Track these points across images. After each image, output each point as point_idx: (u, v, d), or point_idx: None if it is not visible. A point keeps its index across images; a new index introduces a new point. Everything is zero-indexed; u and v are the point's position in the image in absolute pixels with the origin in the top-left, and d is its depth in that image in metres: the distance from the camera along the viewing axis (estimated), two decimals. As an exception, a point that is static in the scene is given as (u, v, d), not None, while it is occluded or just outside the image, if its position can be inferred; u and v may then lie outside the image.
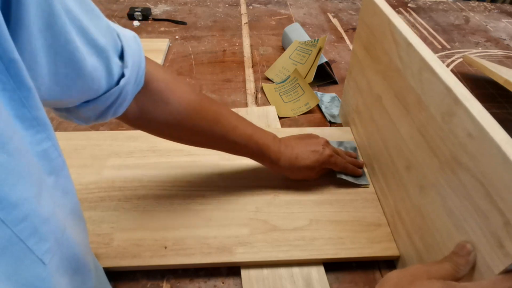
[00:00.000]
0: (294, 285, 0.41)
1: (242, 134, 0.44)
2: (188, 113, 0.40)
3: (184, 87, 0.41)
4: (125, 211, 0.46)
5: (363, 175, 0.52)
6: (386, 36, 0.43)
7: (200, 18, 1.03)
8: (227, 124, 0.43)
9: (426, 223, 0.37)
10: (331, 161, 0.48)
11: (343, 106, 0.64)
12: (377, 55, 0.46)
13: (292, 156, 0.47)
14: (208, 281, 0.42)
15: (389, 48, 0.43)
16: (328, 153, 0.48)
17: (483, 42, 0.98)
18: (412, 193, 0.40)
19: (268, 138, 0.46)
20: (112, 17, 1.00)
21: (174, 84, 0.40)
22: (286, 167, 0.47)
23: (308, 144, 0.49)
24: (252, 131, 0.45)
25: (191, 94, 0.41)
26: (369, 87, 0.50)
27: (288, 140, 0.49)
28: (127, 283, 0.42)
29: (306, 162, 0.47)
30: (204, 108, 0.41)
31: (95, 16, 0.29)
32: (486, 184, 0.27)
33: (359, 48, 0.53)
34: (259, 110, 0.66)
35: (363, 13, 0.50)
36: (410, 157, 0.40)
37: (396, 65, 0.41)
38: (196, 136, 0.43)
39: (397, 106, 0.42)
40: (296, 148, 0.48)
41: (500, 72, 0.68)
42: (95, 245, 0.42)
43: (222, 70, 0.81)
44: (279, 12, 1.10)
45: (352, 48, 0.56)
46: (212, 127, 0.42)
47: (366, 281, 0.43)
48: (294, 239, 0.44)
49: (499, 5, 1.23)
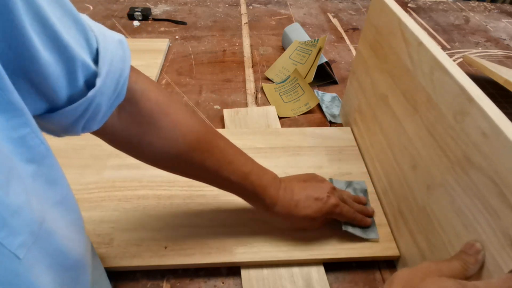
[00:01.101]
0: (294, 285, 0.41)
1: (237, 171, 0.39)
2: (182, 143, 0.35)
3: (180, 112, 0.36)
4: (125, 211, 0.46)
5: (373, 226, 0.46)
6: (396, 35, 0.43)
7: (200, 18, 1.03)
8: (221, 158, 0.38)
9: (432, 222, 0.37)
10: (336, 212, 0.42)
11: (344, 106, 0.64)
12: (384, 54, 0.46)
13: (291, 203, 0.41)
14: (208, 281, 0.42)
15: (398, 47, 0.43)
16: (334, 202, 0.42)
17: (483, 42, 0.98)
18: (417, 193, 0.40)
19: (267, 179, 0.41)
20: (112, 17, 1.00)
21: (169, 107, 0.35)
22: (283, 215, 0.42)
23: (312, 189, 0.42)
24: (249, 169, 0.40)
25: (188, 121, 0.36)
26: (373, 86, 0.50)
27: (289, 182, 0.43)
28: (127, 283, 0.42)
29: (307, 212, 0.41)
30: (200, 139, 0.37)
31: (61, 8, 0.24)
32: (499, 183, 0.27)
33: (364, 48, 0.53)
34: (259, 110, 0.66)
35: (371, 12, 0.50)
36: (416, 157, 0.40)
37: (405, 64, 0.41)
38: (186, 168, 0.38)
39: (404, 105, 0.42)
40: (297, 193, 0.42)
41: (500, 72, 0.68)
42: (95, 245, 0.42)
43: (222, 70, 0.81)
44: (279, 12, 1.10)
45: (357, 47, 0.56)
46: (204, 160, 0.37)
47: (366, 281, 0.43)
48: (294, 239, 0.44)
49: (499, 5, 1.23)
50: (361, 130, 0.57)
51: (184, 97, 0.71)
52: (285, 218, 0.42)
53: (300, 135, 0.59)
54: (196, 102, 0.70)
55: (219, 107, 0.69)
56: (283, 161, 0.55)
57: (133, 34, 0.93)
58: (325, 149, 0.57)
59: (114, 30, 0.32)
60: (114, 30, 0.31)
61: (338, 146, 0.58)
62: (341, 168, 0.54)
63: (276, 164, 0.54)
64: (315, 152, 0.57)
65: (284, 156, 0.56)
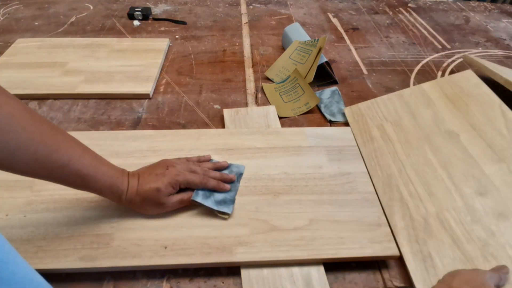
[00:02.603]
0: (294, 285, 0.41)
1: (88, 163, 0.39)
2: (23, 136, 0.34)
3: (13, 103, 0.34)
4: (125, 211, 0.46)
5: (229, 201, 0.47)
6: (493, 110, 0.55)
7: (200, 18, 1.03)
8: (71, 152, 0.37)
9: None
10: (180, 180, 0.44)
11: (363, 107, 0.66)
12: (468, 110, 0.57)
13: (137, 184, 0.43)
14: (208, 281, 0.42)
15: (494, 117, 0.54)
16: (174, 172, 0.44)
17: (483, 42, 0.98)
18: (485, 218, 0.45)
19: (117, 169, 0.43)
20: (112, 17, 1.00)
21: (1, 99, 0.33)
22: (133, 197, 0.42)
23: (154, 168, 0.45)
24: (100, 161, 0.41)
25: (25, 114, 0.35)
26: (436, 118, 0.58)
27: (136, 170, 0.46)
28: (127, 283, 0.42)
29: (151, 185, 0.43)
30: (44, 132, 0.36)
31: None
32: None
33: (433, 91, 0.62)
34: (259, 110, 0.66)
35: (458, 78, 0.62)
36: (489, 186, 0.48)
37: (499, 130, 0.53)
38: (30, 163, 0.35)
39: (486, 152, 0.51)
40: (142, 175, 0.44)
41: (500, 72, 0.68)
42: (95, 245, 0.42)
43: (222, 70, 0.81)
44: (279, 12, 1.10)
45: (420, 85, 0.65)
46: (51, 154, 0.36)
47: (366, 281, 0.43)
48: (294, 239, 0.44)
49: (499, 5, 1.23)
50: (387, 133, 0.59)
51: (184, 97, 0.71)
52: (135, 203, 0.43)
53: (300, 135, 0.60)
54: (196, 102, 0.70)
55: (219, 107, 0.69)
56: (283, 161, 0.55)
57: (133, 33, 0.93)
58: (325, 149, 0.57)
59: (114, 30, 0.31)
60: (114, 30, 0.31)
61: (338, 146, 0.58)
62: (341, 168, 0.54)
63: (276, 164, 0.54)
64: (315, 152, 0.57)
65: (284, 156, 0.56)
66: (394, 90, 0.76)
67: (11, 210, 0.46)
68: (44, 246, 0.42)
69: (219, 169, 0.51)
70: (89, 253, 0.42)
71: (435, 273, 0.41)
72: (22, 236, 0.43)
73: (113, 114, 0.66)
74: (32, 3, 1.08)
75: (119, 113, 0.67)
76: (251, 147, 0.57)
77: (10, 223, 0.44)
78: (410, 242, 0.44)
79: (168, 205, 0.44)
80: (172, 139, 0.58)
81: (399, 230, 0.46)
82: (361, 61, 0.86)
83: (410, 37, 0.98)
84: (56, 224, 0.44)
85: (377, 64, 0.85)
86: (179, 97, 0.71)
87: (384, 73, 0.82)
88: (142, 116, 0.66)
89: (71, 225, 0.44)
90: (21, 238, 0.43)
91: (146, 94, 0.70)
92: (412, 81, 0.79)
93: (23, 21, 0.98)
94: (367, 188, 0.51)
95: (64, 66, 0.76)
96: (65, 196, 0.48)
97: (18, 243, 0.42)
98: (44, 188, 0.49)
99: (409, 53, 0.90)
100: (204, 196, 0.46)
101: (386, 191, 0.50)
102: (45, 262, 0.41)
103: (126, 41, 0.86)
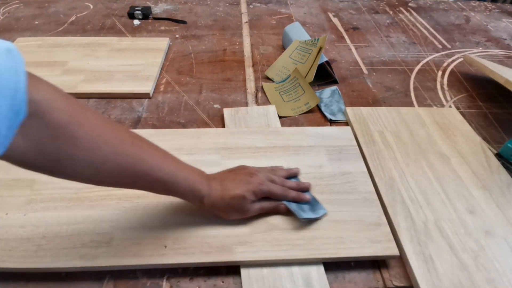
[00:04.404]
0: (293, 284, 0.41)
1: (168, 169, 0.39)
2: (106, 150, 0.34)
3: (95, 117, 0.34)
4: (125, 210, 0.46)
5: (316, 203, 0.47)
6: (476, 145, 0.60)
7: (201, 17, 1.03)
8: (152, 160, 0.37)
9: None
10: (264, 189, 0.44)
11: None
12: (456, 139, 0.61)
13: (221, 188, 0.43)
14: (208, 280, 0.42)
15: (476, 151, 0.59)
16: (259, 180, 0.45)
17: (484, 42, 0.98)
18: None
19: (197, 173, 0.43)
20: (112, 16, 1.00)
21: (81, 114, 0.32)
22: (217, 202, 0.43)
23: (236, 173, 0.46)
24: (179, 166, 0.41)
25: (105, 127, 0.34)
26: (429, 139, 0.61)
27: (216, 174, 0.46)
28: (127, 282, 0.42)
29: (237, 191, 0.43)
30: (125, 143, 0.36)
31: None
32: None
33: (427, 116, 0.66)
34: (259, 110, 0.66)
35: (446, 111, 0.67)
36: (476, 207, 0.50)
37: (481, 162, 0.57)
38: (114, 177, 0.36)
39: (471, 177, 0.54)
40: (225, 180, 0.44)
41: (501, 72, 0.68)
42: (95, 244, 0.42)
43: (222, 69, 0.81)
44: (280, 11, 1.09)
45: (418, 110, 0.67)
46: (135, 164, 0.36)
47: (366, 281, 0.43)
48: (294, 238, 0.44)
49: (499, 5, 1.23)
50: (388, 141, 0.60)
51: (184, 96, 0.71)
52: (219, 207, 0.43)
53: (300, 135, 0.60)
54: (196, 101, 0.70)
55: (219, 106, 0.69)
56: (283, 161, 0.55)
57: (133, 33, 0.92)
58: (325, 148, 0.57)
59: (114, 29, 0.31)
60: (114, 29, 0.30)
61: (338, 145, 0.58)
62: (341, 167, 0.54)
63: (276, 164, 0.54)
64: (315, 151, 0.57)
65: (284, 156, 0.56)
66: (394, 89, 0.76)
67: (11, 209, 0.46)
68: (44, 245, 0.42)
69: (292, 176, 0.51)
70: (89, 252, 0.42)
71: (437, 275, 0.42)
72: (22, 235, 0.43)
73: (113, 113, 0.66)
74: (32, 2, 1.08)
75: (119, 112, 0.67)
76: (251, 146, 0.57)
77: (10, 222, 0.44)
78: (412, 242, 0.45)
79: (251, 212, 0.45)
80: (172, 138, 0.58)
81: (402, 230, 0.46)
82: (361, 60, 0.86)
83: (410, 37, 0.98)
84: (56, 223, 0.45)
85: (377, 63, 0.85)
86: (179, 97, 0.71)
87: (384, 72, 0.82)
88: (142, 115, 0.66)
89: (71, 224, 0.44)
90: (21, 236, 0.43)
91: (146, 93, 0.70)
92: (412, 80, 0.79)
93: (23, 20, 0.98)
94: (367, 187, 0.51)
95: (64, 65, 0.76)
96: (65, 195, 0.48)
97: (18, 241, 0.42)
98: (44, 187, 0.49)
99: (409, 52, 0.90)
100: (299, 208, 0.46)
101: (388, 192, 0.51)
102: (45, 261, 0.41)
103: (126, 40, 0.86)
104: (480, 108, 0.72)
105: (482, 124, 0.68)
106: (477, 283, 0.41)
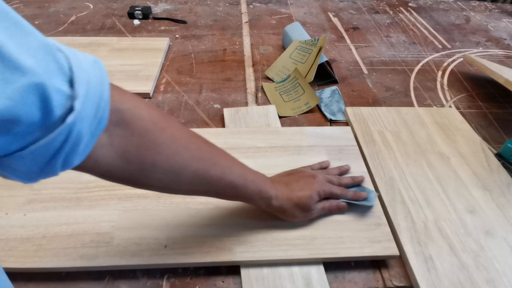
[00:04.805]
0: (293, 284, 0.41)
1: (238, 173, 0.39)
2: (185, 156, 0.34)
3: (174, 124, 0.35)
4: (125, 210, 0.46)
5: (371, 192, 0.49)
6: (476, 145, 0.60)
7: (201, 17, 1.03)
8: (224, 164, 0.38)
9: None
10: (326, 189, 0.46)
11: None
12: (455, 139, 0.61)
13: (287, 190, 0.43)
14: (208, 280, 0.42)
15: (476, 151, 0.59)
16: (321, 182, 0.46)
17: (484, 42, 0.98)
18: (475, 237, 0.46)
19: (261, 176, 0.42)
20: (112, 16, 1.00)
21: (163, 122, 0.33)
22: (285, 202, 0.43)
23: (298, 175, 0.47)
24: (245, 169, 0.41)
25: (183, 133, 0.35)
26: (429, 139, 0.61)
27: (277, 177, 0.47)
28: (127, 282, 0.42)
29: (304, 192, 0.44)
30: (201, 148, 0.36)
31: (20, 32, 0.21)
32: None
33: (427, 116, 0.66)
34: (259, 109, 0.66)
35: (446, 111, 0.67)
36: (477, 207, 0.50)
37: (481, 162, 0.57)
38: (193, 183, 0.36)
39: (471, 177, 0.54)
40: (288, 182, 0.45)
41: (501, 72, 0.68)
42: (95, 243, 0.42)
43: (222, 69, 0.81)
44: (280, 11, 1.09)
45: (418, 110, 0.67)
46: (208, 169, 0.36)
47: (366, 281, 0.43)
48: (294, 238, 0.44)
49: (499, 5, 1.23)
50: (388, 141, 0.60)
51: (184, 96, 0.71)
52: (286, 208, 0.43)
53: (300, 135, 0.60)
54: (196, 101, 0.70)
55: (219, 106, 0.69)
56: (283, 161, 0.55)
57: (134, 33, 0.93)
58: (325, 148, 0.57)
59: (114, 29, 0.31)
60: (114, 29, 0.31)
61: (338, 145, 0.58)
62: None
63: (276, 164, 0.54)
64: (315, 151, 0.57)
65: (284, 156, 0.56)
66: (395, 89, 0.76)
67: (11, 209, 0.46)
68: (44, 244, 0.42)
69: (344, 172, 0.53)
70: (89, 251, 0.42)
71: (437, 275, 0.42)
72: (22, 235, 0.43)
73: (113, 113, 0.66)
74: (32, 2, 1.08)
75: (119, 112, 0.67)
76: (251, 146, 0.57)
77: (10, 221, 0.44)
78: (412, 242, 0.45)
79: (315, 212, 0.45)
80: (172, 138, 0.58)
81: (402, 230, 0.46)
82: (361, 60, 0.86)
83: (410, 37, 0.98)
84: (56, 223, 0.45)
85: (377, 63, 0.85)
86: (179, 96, 0.71)
87: (385, 72, 0.82)
88: (142, 115, 0.66)
89: (71, 224, 0.45)
90: (21, 236, 0.43)
91: (146, 93, 0.70)
92: (412, 80, 0.79)
93: (23, 20, 0.98)
94: (367, 187, 0.51)
95: (64, 65, 0.76)
96: (65, 195, 0.48)
97: (18, 241, 0.42)
98: (44, 187, 0.49)
99: (409, 52, 0.90)
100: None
101: (388, 192, 0.51)
102: (45, 261, 0.41)
103: (126, 40, 0.86)
104: (480, 108, 0.72)
105: (482, 124, 0.68)
106: (477, 283, 0.41)
